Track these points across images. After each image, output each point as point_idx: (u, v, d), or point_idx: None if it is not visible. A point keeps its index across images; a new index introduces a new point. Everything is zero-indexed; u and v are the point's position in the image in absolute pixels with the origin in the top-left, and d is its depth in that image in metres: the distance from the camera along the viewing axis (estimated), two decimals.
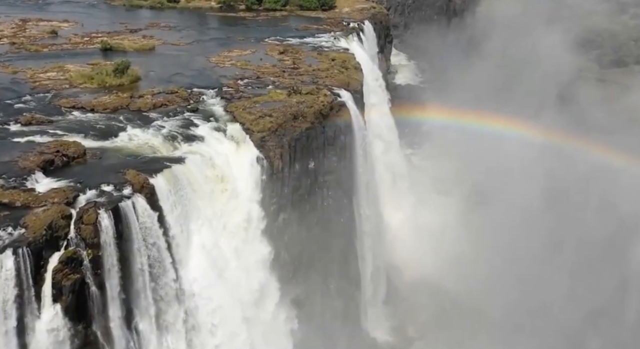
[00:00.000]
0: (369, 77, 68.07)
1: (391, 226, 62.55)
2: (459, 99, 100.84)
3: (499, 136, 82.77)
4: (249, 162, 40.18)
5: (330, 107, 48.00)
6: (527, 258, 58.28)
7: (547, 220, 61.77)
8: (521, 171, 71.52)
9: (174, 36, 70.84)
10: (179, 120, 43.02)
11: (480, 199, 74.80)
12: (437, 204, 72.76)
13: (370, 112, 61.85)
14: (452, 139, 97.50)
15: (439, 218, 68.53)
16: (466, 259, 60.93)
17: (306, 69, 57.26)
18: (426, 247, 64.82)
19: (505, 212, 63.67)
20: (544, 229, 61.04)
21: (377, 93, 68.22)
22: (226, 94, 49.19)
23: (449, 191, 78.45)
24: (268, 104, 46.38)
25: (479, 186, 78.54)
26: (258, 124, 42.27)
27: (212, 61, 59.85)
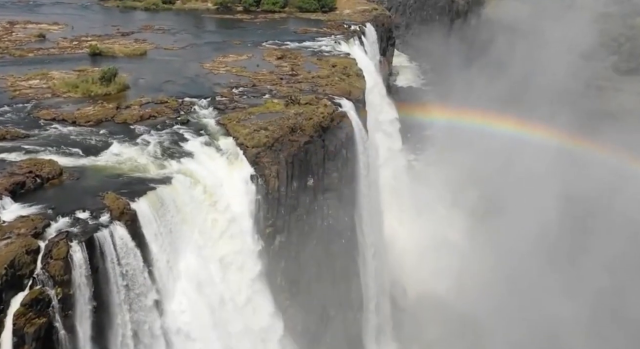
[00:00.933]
0: (371, 83, 64.63)
1: (394, 242, 59.17)
2: (463, 103, 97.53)
3: (508, 141, 78.94)
4: (242, 181, 36.81)
5: (331, 118, 44.62)
6: (540, 278, 54.59)
7: (564, 235, 57.73)
8: (533, 179, 67.70)
9: (167, 40, 67.46)
10: (167, 134, 39.62)
11: (487, 210, 71.35)
12: (441, 216, 69.30)
13: (372, 120, 58.34)
14: (456, 144, 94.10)
15: (444, 232, 65.11)
16: (473, 276, 57.51)
17: (305, 76, 53.86)
18: (431, 263, 61.47)
19: (515, 225, 60.04)
20: (560, 245, 57.14)
21: (379, 99, 64.67)
22: (220, 104, 45.82)
23: (454, 201, 74.94)
24: (264, 116, 43.01)
25: (487, 196, 75.07)
26: (253, 139, 38.88)
27: (206, 67, 56.48)
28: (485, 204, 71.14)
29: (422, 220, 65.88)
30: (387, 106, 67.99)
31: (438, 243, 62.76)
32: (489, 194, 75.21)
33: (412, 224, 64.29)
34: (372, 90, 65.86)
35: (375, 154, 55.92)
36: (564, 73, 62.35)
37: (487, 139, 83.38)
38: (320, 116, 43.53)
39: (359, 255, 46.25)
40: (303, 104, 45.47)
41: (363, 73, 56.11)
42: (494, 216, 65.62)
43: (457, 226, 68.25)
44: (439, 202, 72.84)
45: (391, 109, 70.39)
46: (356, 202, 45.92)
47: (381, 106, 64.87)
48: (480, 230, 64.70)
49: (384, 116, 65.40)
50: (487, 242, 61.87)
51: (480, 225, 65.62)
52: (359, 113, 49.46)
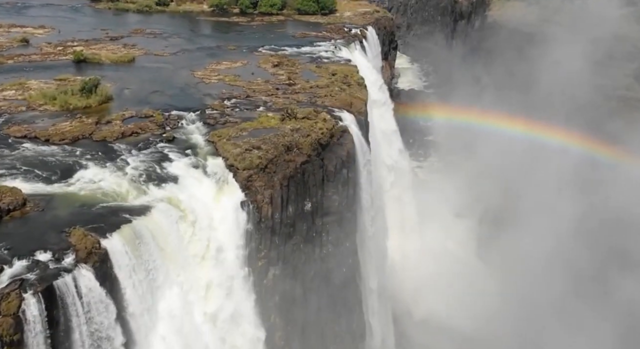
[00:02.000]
0: (374, 91, 60.61)
1: (399, 261, 55.13)
2: (468, 107, 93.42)
3: (518, 146, 74.14)
4: (232, 209, 32.82)
5: (331, 134, 40.62)
6: (558, 306, 50.09)
7: (587, 255, 52.68)
8: (548, 187, 63.03)
9: (158, 45, 63.42)
10: (150, 154, 35.62)
11: (497, 222, 67.21)
12: (448, 230, 65.21)
13: (375, 131, 54.33)
14: (460, 149, 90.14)
15: (452, 249, 60.98)
16: (483, 298, 53.36)
17: (303, 86, 49.83)
18: (437, 282, 57.36)
19: (529, 241, 55.66)
20: (579, 263, 52.31)
21: (382, 110, 60.67)
22: (209, 118, 41.81)
23: (461, 213, 70.84)
24: (257, 132, 38.99)
25: (496, 206, 70.92)
26: (244, 160, 34.86)
27: (197, 76, 52.46)
28: (495, 216, 66.97)
29: (428, 236, 61.84)
30: (390, 115, 63.87)
31: (446, 262, 58.62)
32: (498, 204, 71.06)
33: (418, 241, 60.24)
34: (374, 98, 61.89)
35: (378, 170, 51.78)
36: (580, 82, 58.09)
37: (494, 144, 79.09)
38: (319, 132, 39.52)
39: (361, 282, 42.27)
40: (300, 118, 41.44)
41: (365, 82, 52.02)
42: (505, 230, 61.43)
43: (466, 242, 64.26)
44: (445, 215, 68.77)
45: (394, 119, 66.23)
46: (358, 225, 41.97)
47: (384, 116, 60.70)
48: (491, 247, 60.57)
49: (387, 126, 61.23)
50: (498, 260, 57.71)
51: (490, 241, 61.45)
52: (360, 127, 45.45)
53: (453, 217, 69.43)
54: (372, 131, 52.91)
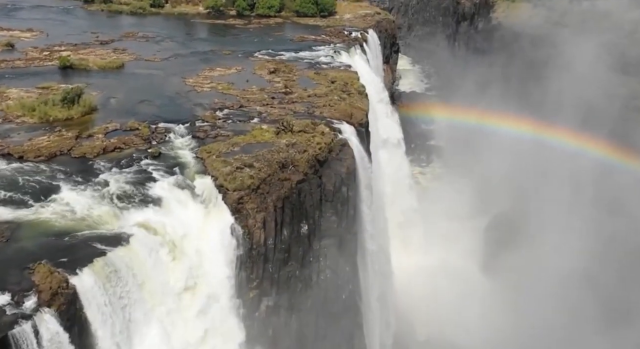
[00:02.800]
0: (374, 98, 57.55)
1: (402, 278, 51.99)
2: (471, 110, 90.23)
3: (526, 149, 70.27)
4: (220, 234, 29.80)
5: (329, 149, 37.56)
6: (571, 325, 46.41)
7: (604, 273, 48.50)
8: (562, 196, 59.17)
9: (149, 49, 60.37)
10: (133, 172, 32.57)
11: (503, 235, 64.04)
12: (454, 245, 62.01)
13: (376, 142, 51.23)
14: (464, 155, 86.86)
15: (459, 266, 57.71)
16: (492, 321, 50.14)
17: (300, 95, 46.77)
18: (441, 300, 54.25)
19: (542, 257, 52.28)
20: (599, 286, 48.27)
21: (383, 118, 57.60)
22: (199, 131, 38.77)
23: (467, 225, 67.63)
24: (250, 148, 35.94)
25: (502, 217, 67.67)
26: (234, 180, 31.81)
27: (189, 83, 49.40)
28: (502, 228, 63.68)
29: (432, 251, 58.64)
30: (392, 124, 60.76)
31: (450, 279, 55.38)
32: (506, 215, 67.77)
33: (422, 256, 57.09)
34: (375, 106, 58.84)
35: (380, 182, 48.72)
36: (595, 90, 54.79)
37: (500, 150, 75.74)
38: (317, 147, 36.45)
39: (362, 305, 39.19)
40: (296, 131, 38.38)
41: (365, 90, 48.94)
42: (513, 244, 58.17)
43: (472, 257, 61.09)
44: (449, 227, 65.59)
45: (397, 126, 63.09)
46: (359, 247, 38.90)
47: (386, 125, 57.62)
48: (498, 262, 57.32)
49: (390, 135, 58.15)
50: (506, 277, 54.42)
51: (499, 256, 58.21)
52: (361, 139, 42.39)
53: (457, 229, 66.24)
54: (374, 141, 49.86)
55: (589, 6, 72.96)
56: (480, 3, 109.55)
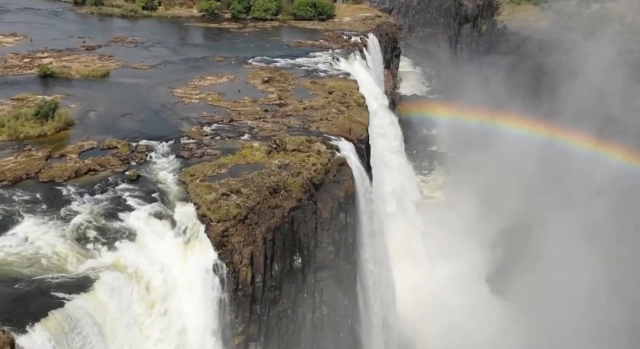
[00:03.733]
0: (375, 107, 53.95)
1: (405, 297, 48.35)
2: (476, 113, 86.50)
3: (536, 157, 66.19)
4: (201, 274, 26.21)
5: (326, 170, 34.01)
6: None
7: (623, 299, 44.16)
8: (576, 204, 54.96)
9: (138, 56, 56.77)
10: (106, 200, 29.03)
11: (511, 249, 60.31)
12: (459, 264, 58.28)
13: (376, 152, 47.63)
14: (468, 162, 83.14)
15: (465, 288, 53.93)
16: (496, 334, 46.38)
17: (295, 107, 43.20)
18: (446, 318, 50.58)
19: (555, 277, 48.36)
20: (616, 314, 43.99)
21: (384, 128, 54.01)
22: (184, 150, 35.22)
23: (470, 238, 63.95)
24: (238, 170, 32.37)
25: (509, 230, 63.77)
26: (219, 209, 28.25)
27: (176, 94, 45.85)
28: (512, 241, 59.93)
29: (437, 270, 54.96)
30: (393, 134, 57.11)
31: (459, 303, 51.54)
32: (513, 227, 63.92)
33: (426, 278, 53.40)
34: (376, 113, 55.29)
35: (380, 198, 45.13)
36: (611, 99, 51.05)
37: (507, 156, 71.94)
38: (312, 168, 32.88)
39: (363, 339, 35.59)
40: (290, 150, 34.81)
41: (365, 102, 45.33)
42: (526, 260, 54.41)
43: (480, 276, 57.43)
44: (453, 240, 61.89)
45: (398, 135, 59.39)
46: (359, 277, 35.32)
47: (387, 136, 53.99)
48: (510, 281, 53.58)
49: (391, 146, 54.49)
50: (520, 299, 50.61)
51: (509, 274, 54.46)
52: (361, 157, 38.80)
53: (463, 245, 62.63)
54: (374, 155, 46.25)
55: (599, 9, 69.28)
56: (484, 5, 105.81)
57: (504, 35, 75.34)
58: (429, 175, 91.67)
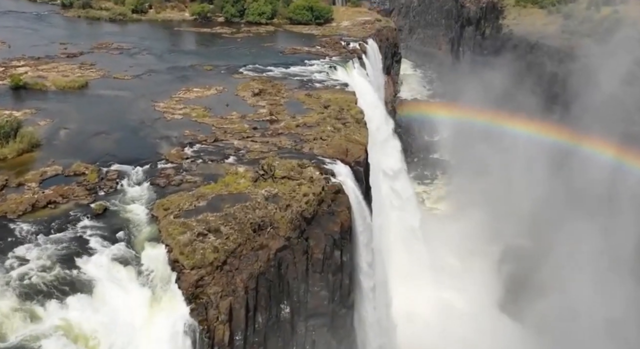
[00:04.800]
0: (375, 123, 49.77)
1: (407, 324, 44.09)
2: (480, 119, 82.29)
3: (547, 164, 61.69)
4: (170, 336, 22.07)
5: (319, 200, 29.88)
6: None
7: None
8: (594, 217, 50.59)
9: (121, 64, 52.64)
10: (64, 241, 25.02)
11: (519, 266, 56.07)
12: (462, 281, 54.19)
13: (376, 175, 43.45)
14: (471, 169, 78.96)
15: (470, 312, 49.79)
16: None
17: (287, 124, 39.05)
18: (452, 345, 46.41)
19: (571, 302, 44.03)
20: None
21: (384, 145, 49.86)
22: (161, 176, 31.11)
23: (476, 256, 59.77)
24: (219, 202, 28.28)
25: (520, 245, 59.45)
26: (194, 253, 24.16)
27: (158, 108, 41.72)
28: (520, 263, 55.79)
29: (441, 292, 50.77)
30: (395, 152, 52.85)
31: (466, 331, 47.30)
32: (522, 242, 59.67)
33: (430, 302, 49.24)
34: (375, 130, 51.09)
35: (380, 219, 41.01)
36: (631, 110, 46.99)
37: (514, 163, 67.68)
38: (303, 200, 28.76)
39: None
40: (279, 177, 30.64)
41: (364, 118, 41.18)
42: (537, 280, 50.26)
43: (487, 299, 53.27)
44: (459, 262, 57.76)
45: (398, 151, 55.16)
46: (356, 324, 31.22)
47: (388, 153, 49.82)
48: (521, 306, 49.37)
49: (392, 165, 50.34)
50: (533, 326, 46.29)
51: (519, 297, 50.30)
52: (359, 182, 34.67)
53: (469, 264, 58.59)
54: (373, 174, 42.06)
55: (611, 13, 65.07)
56: (487, 7, 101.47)
57: (510, 40, 71.13)
58: (431, 185, 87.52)
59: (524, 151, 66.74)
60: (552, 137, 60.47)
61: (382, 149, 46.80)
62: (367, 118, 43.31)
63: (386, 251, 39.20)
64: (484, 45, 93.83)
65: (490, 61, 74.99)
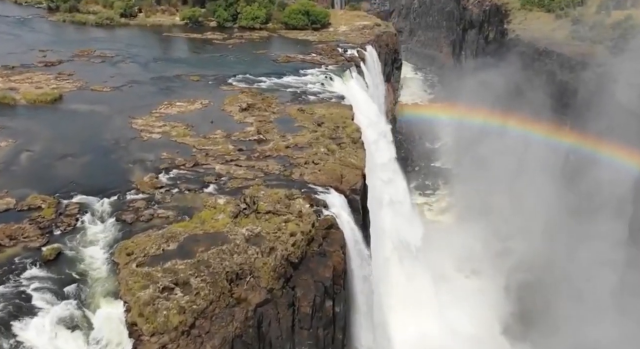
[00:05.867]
0: (373, 137, 45.59)
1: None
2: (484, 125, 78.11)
3: (559, 174, 57.37)
4: None
5: (309, 240, 25.71)
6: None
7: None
8: (612, 233, 46.36)
9: (102, 74, 48.56)
10: (3, 296, 20.81)
11: (529, 291, 51.89)
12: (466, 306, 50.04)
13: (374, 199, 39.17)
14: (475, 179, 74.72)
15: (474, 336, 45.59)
16: None
17: (276, 145, 34.89)
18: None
19: (579, 336, 39.86)
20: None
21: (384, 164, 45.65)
22: (128, 211, 27.00)
23: (481, 278, 55.62)
24: (191, 245, 24.15)
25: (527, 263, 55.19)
26: (155, 314, 20.05)
27: (136, 126, 37.56)
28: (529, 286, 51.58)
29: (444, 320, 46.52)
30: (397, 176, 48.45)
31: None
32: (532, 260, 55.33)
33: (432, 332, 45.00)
34: (375, 142, 46.91)
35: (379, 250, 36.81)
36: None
37: (521, 172, 63.42)
38: (290, 241, 24.64)
39: None
40: (263, 212, 26.52)
41: (361, 137, 37.00)
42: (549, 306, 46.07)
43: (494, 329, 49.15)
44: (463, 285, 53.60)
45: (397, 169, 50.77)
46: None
47: (386, 170, 45.57)
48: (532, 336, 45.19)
49: (394, 193, 45.78)
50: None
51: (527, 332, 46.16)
52: (354, 213, 30.51)
53: (472, 287, 54.44)
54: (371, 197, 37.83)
55: (624, 19, 60.77)
56: (491, 10, 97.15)
57: (516, 46, 66.84)
58: (433, 196, 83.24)
59: (532, 160, 62.46)
60: (563, 147, 56.09)
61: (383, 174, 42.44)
62: (365, 135, 39.27)
63: (385, 292, 34.93)
64: (487, 50, 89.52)
65: (495, 67, 70.63)
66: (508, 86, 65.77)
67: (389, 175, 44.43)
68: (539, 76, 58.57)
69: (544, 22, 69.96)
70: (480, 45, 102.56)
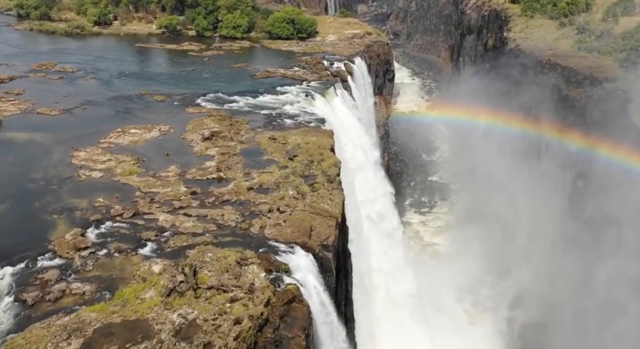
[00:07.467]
0: (360, 162, 39.46)
1: None
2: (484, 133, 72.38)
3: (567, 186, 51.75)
4: None
5: (260, 326, 19.63)
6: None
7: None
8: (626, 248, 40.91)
9: (55, 93, 42.57)
10: None
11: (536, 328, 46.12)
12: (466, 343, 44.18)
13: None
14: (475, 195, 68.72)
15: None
16: None
17: (237, 186, 28.79)
18: None
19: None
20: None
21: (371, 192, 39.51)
22: (33, 286, 21.00)
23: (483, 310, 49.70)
24: (101, 340, 18.14)
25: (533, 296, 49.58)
26: None
27: (76, 161, 31.50)
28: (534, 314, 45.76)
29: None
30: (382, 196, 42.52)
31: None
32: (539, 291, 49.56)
33: None
34: (361, 168, 40.89)
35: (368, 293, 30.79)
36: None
37: (524, 187, 57.55)
38: (232, 333, 18.54)
39: None
40: (205, 287, 20.41)
41: (339, 176, 30.83)
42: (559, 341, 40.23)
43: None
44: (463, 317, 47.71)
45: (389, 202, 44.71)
46: None
47: (374, 201, 39.49)
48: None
49: (391, 255, 39.71)
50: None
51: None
52: (325, 274, 24.42)
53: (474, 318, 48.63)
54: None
55: (630, 25, 54.79)
56: (490, 16, 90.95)
57: (517, 57, 60.74)
58: (430, 213, 77.06)
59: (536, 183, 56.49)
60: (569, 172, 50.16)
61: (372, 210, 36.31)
62: (346, 167, 33.20)
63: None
64: (486, 58, 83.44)
65: (494, 77, 64.74)
66: (509, 101, 59.93)
67: (379, 210, 38.28)
68: (542, 90, 52.49)
69: (546, 30, 63.84)
70: (479, 52, 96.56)
